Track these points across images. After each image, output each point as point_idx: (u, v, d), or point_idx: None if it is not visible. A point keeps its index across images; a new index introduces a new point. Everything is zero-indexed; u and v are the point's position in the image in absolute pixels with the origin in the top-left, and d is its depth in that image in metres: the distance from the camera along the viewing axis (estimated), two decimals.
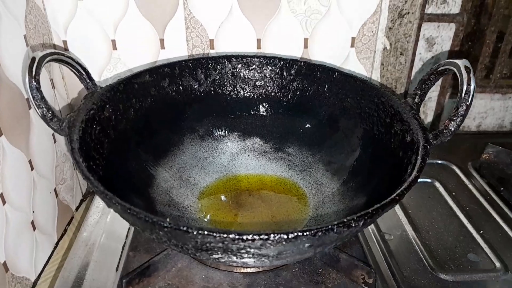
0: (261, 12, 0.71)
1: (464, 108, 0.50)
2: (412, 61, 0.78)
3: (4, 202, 0.51)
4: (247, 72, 0.70)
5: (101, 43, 0.71)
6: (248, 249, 0.39)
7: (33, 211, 0.58)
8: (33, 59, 0.49)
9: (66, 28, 0.69)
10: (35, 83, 0.49)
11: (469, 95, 0.49)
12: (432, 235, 0.63)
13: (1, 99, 0.51)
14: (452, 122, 0.51)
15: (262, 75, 0.70)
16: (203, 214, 0.62)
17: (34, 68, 0.49)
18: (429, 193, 0.72)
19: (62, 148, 0.68)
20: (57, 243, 0.65)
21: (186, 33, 0.72)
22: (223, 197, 0.66)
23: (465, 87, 0.49)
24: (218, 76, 0.69)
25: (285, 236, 0.37)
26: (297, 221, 0.62)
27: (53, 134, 0.65)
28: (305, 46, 0.74)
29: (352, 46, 0.75)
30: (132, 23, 0.70)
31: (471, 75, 0.49)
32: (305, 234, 0.37)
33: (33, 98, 0.50)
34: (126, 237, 0.62)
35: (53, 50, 0.53)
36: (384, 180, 0.54)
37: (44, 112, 0.51)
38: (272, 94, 0.71)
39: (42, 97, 0.50)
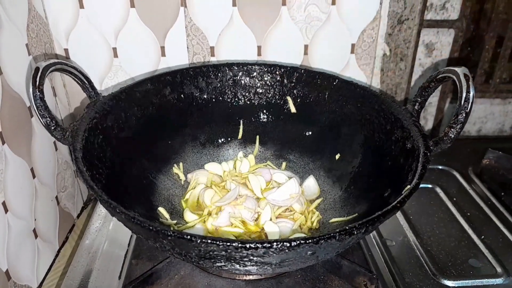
0: (262, 19, 0.71)
1: (464, 115, 0.50)
2: (412, 67, 0.78)
3: (6, 210, 0.51)
4: (248, 79, 0.70)
5: (102, 51, 0.72)
6: (251, 257, 0.39)
7: (35, 219, 0.58)
8: (37, 69, 0.50)
9: (67, 36, 0.70)
10: (39, 93, 0.50)
11: (469, 102, 0.50)
12: (433, 240, 0.63)
13: (4, 107, 0.51)
14: (452, 129, 0.51)
15: (263, 82, 0.70)
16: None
17: (38, 78, 0.49)
18: (430, 199, 0.72)
19: (63, 156, 0.68)
20: (58, 251, 0.65)
21: (187, 41, 0.72)
22: None
23: (464, 95, 0.50)
24: (219, 84, 0.70)
25: (288, 244, 0.37)
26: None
27: (54, 142, 0.65)
28: (305, 53, 0.75)
29: (352, 52, 0.75)
30: (133, 31, 0.70)
31: (470, 82, 0.50)
32: (307, 242, 0.38)
33: (37, 108, 0.50)
34: (129, 244, 0.62)
35: (56, 60, 0.53)
36: (385, 187, 0.54)
37: (47, 121, 0.51)
38: (273, 101, 0.71)
39: (46, 107, 0.51)
